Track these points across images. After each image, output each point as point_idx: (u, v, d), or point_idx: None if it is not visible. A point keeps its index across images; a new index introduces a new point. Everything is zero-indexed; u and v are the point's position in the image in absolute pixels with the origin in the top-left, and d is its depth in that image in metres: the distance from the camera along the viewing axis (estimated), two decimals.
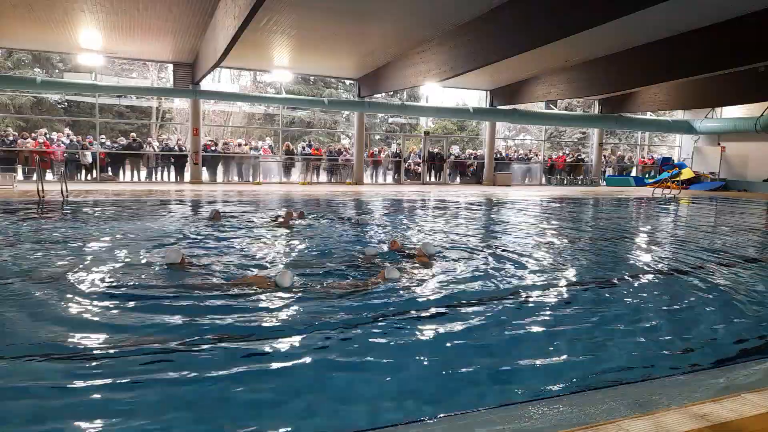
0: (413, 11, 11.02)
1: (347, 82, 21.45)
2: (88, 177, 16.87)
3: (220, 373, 2.90)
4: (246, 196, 13.61)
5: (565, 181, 23.39)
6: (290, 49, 14.86)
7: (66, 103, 23.30)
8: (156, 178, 17.96)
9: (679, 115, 24.07)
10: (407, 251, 6.32)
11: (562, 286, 5.05)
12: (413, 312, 4.05)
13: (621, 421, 2.28)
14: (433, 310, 4.11)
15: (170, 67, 17.67)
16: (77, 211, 9.56)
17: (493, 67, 12.92)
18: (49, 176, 15.88)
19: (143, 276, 4.89)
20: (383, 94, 19.52)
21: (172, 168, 18.23)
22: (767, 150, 21.50)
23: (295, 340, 3.43)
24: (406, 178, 21.14)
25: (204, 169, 18.07)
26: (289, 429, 2.41)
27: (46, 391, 2.70)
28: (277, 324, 3.74)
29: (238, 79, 26.43)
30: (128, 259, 5.58)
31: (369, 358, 3.19)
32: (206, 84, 17.83)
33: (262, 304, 4.11)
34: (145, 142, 17.97)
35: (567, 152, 24.99)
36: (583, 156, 24.70)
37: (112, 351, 3.19)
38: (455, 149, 23.10)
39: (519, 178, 23.02)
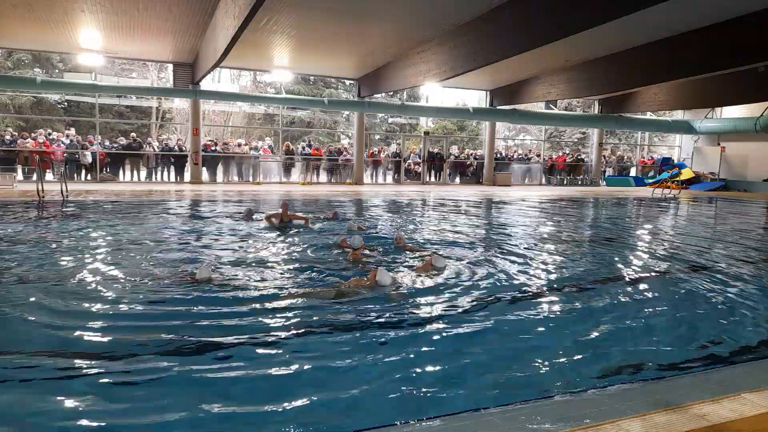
0: (413, 11, 11.02)
1: (347, 82, 21.45)
2: (88, 177, 16.87)
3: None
4: (246, 196, 13.61)
5: (565, 181, 23.40)
6: (290, 49, 14.86)
7: (66, 103, 23.31)
8: (156, 178, 17.96)
9: (679, 115, 24.07)
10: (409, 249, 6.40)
11: (561, 287, 5.05)
12: (416, 312, 4.06)
13: (621, 421, 2.28)
14: (434, 311, 4.11)
15: (170, 67, 17.67)
16: (77, 211, 9.56)
17: (493, 67, 12.92)
18: (49, 176, 15.89)
19: (153, 280, 4.89)
20: (383, 94, 19.52)
21: (172, 168, 18.24)
22: (767, 150, 21.50)
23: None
24: (406, 178, 21.14)
25: (204, 169, 18.07)
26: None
27: (46, 394, 2.70)
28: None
29: (238, 79, 26.42)
30: (132, 261, 5.59)
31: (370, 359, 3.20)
32: (206, 84, 17.83)
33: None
34: (145, 142, 17.97)
35: (567, 152, 24.99)
36: (583, 156, 24.70)
37: (114, 352, 3.20)
38: (454, 149, 23.11)
39: (519, 178, 23.02)
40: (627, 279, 5.51)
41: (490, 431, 2.24)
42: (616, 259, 6.63)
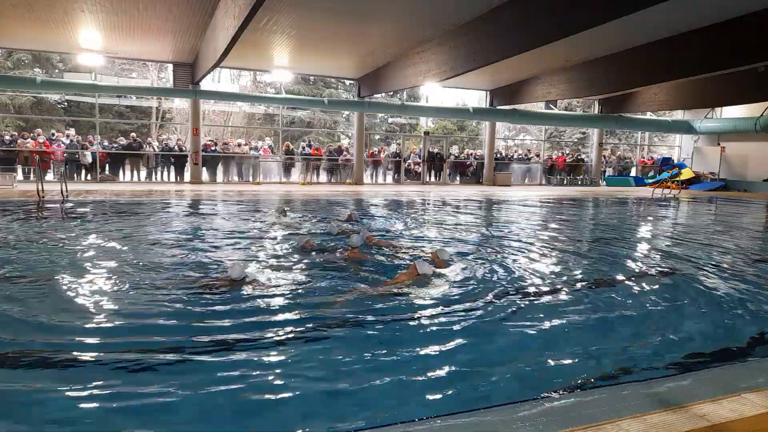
0: (413, 11, 11.02)
1: (347, 82, 21.44)
2: (88, 177, 16.87)
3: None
4: (246, 196, 13.61)
5: (565, 181, 23.39)
6: (290, 49, 14.86)
7: (66, 103, 23.30)
8: (156, 178, 17.96)
9: (679, 115, 24.07)
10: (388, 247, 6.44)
11: (562, 287, 5.05)
12: (418, 313, 4.06)
13: (621, 421, 2.28)
14: (435, 311, 4.11)
15: (170, 67, 17.66)
16: (76, 211, 9.56)
17: (493, 67, 12.91)
18: (49, 176, 15.88)
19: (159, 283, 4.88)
20: (383, 94, 19.51)
21: (172, 168, 18.24)
22: (767, 150, 21.50)
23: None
24: (406, 178, 21.14)
25: (204, 169, 18.07)
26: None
27: (47, 395, 2.70)
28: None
29: (238, 79, 26.42)
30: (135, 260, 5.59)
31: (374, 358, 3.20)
32: (206, 84, 17.82)
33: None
34: (145, 142, 17.97)
35: (567, 152, 24.99)
36: (583, 156, 24.70)
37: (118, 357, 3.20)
38: (454, 149, 23.11)
39: (519, 178, 23.02)
40: (627, 279, 5.51)
41: (490, 431, 2.24)
42: (617, 258, 6.62)
